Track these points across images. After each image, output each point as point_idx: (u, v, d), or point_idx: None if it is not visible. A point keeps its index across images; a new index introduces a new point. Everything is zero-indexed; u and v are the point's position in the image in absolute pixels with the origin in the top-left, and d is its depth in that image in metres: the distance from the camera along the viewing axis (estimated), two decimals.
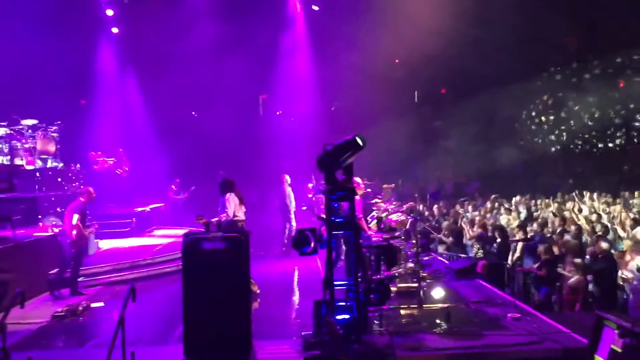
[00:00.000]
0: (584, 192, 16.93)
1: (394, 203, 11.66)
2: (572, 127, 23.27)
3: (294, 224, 14.28)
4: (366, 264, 8.09)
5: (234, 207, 9.52)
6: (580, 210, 14.04)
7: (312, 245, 6.82)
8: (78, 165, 16.20)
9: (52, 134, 15.28)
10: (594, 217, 13.06)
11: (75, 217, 9.97)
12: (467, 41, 19.49)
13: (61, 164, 15.52)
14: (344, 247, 9.72)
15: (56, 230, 11.42)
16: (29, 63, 16.19)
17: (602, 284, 9.10)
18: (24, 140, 14.38)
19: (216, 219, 9.22)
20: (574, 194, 16.75)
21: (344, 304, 6.75)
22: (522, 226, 11.87)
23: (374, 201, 11.63)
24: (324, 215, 7.23)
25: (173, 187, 19.19)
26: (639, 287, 8.40)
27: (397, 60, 21.60)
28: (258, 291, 9.52)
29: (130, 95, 21.24)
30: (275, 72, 21.98)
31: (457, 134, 22.12)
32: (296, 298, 9.94)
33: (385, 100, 20.97)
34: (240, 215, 9.62)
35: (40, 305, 9.43)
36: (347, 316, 6.57)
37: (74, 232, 9.91)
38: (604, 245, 9.50)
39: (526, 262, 10.67)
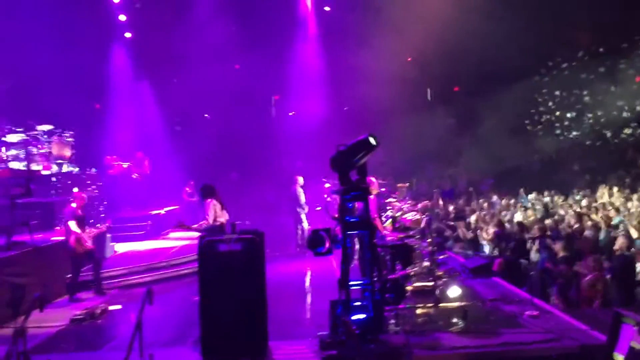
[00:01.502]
0: (600, 188, 16.80)
1: (408, 202, 11.63)
2: (587, 122, 23.08)
3: (305, 224, 14.28)
4: (381, 264, 8.08)
5: (214, 213, 9.57)
6: (603, 206, 13.90)
7: (327, 245, 6.82)
8: (94, 170, 16.35)
9: (68, 139, 15.45)
10: (611, 213, 12.95)
11: (72, 223, 10.03)
12: (479, 38, 19.38)
13: (77, 169, 15.67)
14: (357, 247, 9.71)
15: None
16: (43, 69, 16.34)
17: (621, 281, 9.00)
18: (39, 146, 14.54)
19: (196, 225, 9.35)
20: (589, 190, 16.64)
21: (359, 303, 6.75)
22: (539, 223, 11.80)
23: (388, 200, 11.63)
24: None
25: (187, 189, 19.25)
26: None
27: (409, 59, 21.56)
28: None
29: (144, 98, 21.39)
30: (288, 73, 22.01)
31: (470, 132, 22.01)
32: (311, 298, 9.95)
33: (398, 99, 20.91)
34: (222, 220, 9.65)
35: (59, 309, 9.47)
36: (363, 316, 6.57)
37: (72, 238, 9.98)
38: (622, 241, 9.41)
39: (542, 259, 10.58)
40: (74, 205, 10.36)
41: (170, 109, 21.49)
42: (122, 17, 20.04)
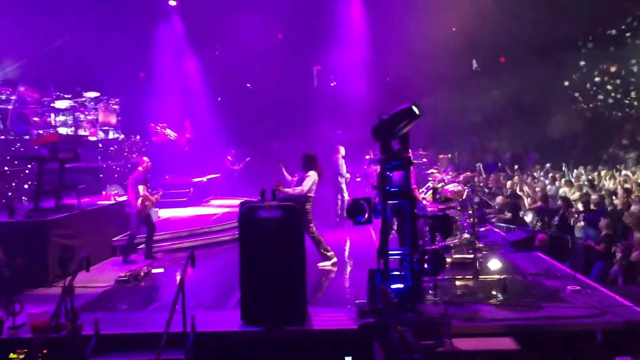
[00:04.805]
0: None
1: (450, 173, 11.47)
2: (639, 95, 22.22)
3: (346, 195, 14.26)
4: (417, 234, 8.03)
5: (310, 184, 9.38)
6: None
7: (367, 215, 6.81)
8: (138, 137, 16.66)
9: (114, 106, 15.75)
10: None
11: (141, 187, 10.33)
12: (527, 8, 18.81)
13: (122, 135, 15.99)
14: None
15: (119, 199, 11.85)
16: (90, 38, 16.59)
17: None
18: (86, 112, 14.87)
19: (290, 189, 9.26)
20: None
21: (398, 273, 6.74)
22: (583, 199, 11.54)
23: (429, 171, 11.50)
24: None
25: (229, 157, 19.49)
26: None
27: (454, 29, 21.07)
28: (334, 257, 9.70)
29: (188, 67, 21.56)
30: (330, 43, 21.80)
31: (516, 104, 21.50)
32: (350, 267, 9.99)
33: (441, 69, 20.53)
34: (312, 192, 9.49)
35: (104, 270, 9.81)
36: (401, 285, 6.57)
37: (139, 201, 10.27)
38: None
39: (587, 235, 10.38)
40: (140, 169, 10.66)
41: (213, 78, 21.62)
42: None
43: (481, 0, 18.20)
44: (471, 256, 8.46)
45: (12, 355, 5.93)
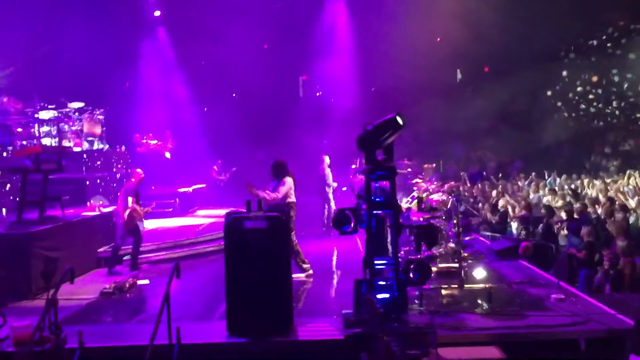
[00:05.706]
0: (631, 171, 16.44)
1: (435, 183, 11.54)
2: (620, 104, 22.55)
3: (332, 204, 14.28)
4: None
5: (286, 190, 9.38)
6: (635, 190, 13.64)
7: (352, 224, 6.83)
8: (123, 147, 16.58)
9: (98, 117, 15.67)
10: None
11: (130, 199, 10.31)
12: (510, 18, 19.04)
13: (107, 146, 15.91)
14: None
15: (104, 210, 11.79)
16: (75, 48, 16.51)
17: None
18: (71, 123, 14.79)
19: (264, 193, 9.20)
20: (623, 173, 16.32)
21: (384, 283, 6.76)
22: (566, 207, 11.64)
23: (414, 181, 11.56)
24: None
25: (215, 168, 19.45)
26: None
27: (438, 39, 21.26)
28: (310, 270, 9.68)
29: (174, 77, 21.51)
30: (315, 53, 21.91)
31: (500, 113, 21.69)
32: (336, 277, 10.00)
33: (426, 79, 20.70)
34: (293, 197, 9.52)
35: (89, 282, 9.71)
36: (387, 295, 6.59)
37: (127, 212, 10.23)
38: None
39: (570, 242, 10.47)
40: (133, 180, 10.68)
41: (199, 88, 21.61)
42: None
43: (465, 11, 18.40)
44: (456, 265, 8.50)
45: None
